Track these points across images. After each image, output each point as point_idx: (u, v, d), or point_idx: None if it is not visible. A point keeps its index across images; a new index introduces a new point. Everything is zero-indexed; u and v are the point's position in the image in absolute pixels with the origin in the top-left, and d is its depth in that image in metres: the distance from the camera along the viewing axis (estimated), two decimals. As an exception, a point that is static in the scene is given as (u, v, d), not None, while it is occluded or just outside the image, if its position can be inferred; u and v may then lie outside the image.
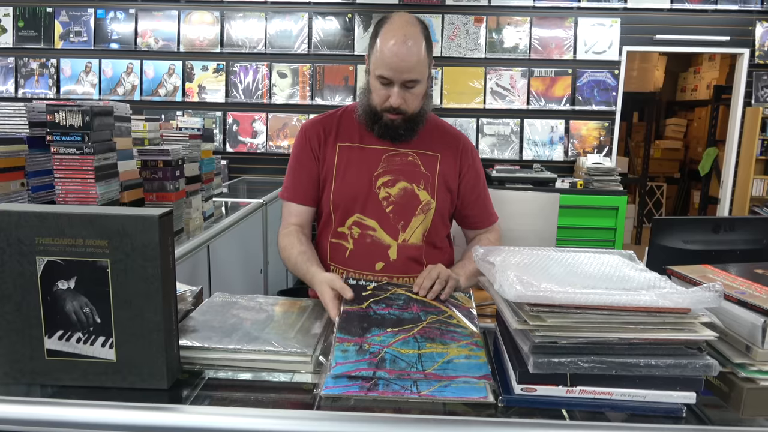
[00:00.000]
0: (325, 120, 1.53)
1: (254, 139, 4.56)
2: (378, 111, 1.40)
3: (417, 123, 1.44)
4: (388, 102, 1.36)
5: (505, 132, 4.54)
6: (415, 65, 1.33)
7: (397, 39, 1.31)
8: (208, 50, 4.49)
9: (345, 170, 1.46)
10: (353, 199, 1.44)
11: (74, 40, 4.50)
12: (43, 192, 1.63)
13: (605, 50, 4.45)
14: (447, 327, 1.07)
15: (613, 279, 0.91)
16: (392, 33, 1.33)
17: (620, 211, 4.09)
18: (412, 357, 0.96)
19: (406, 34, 1.32)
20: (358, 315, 1.09)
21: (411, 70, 1.33)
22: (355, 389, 0.91)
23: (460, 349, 0.99)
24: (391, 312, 1.11)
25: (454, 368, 0.94)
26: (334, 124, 1.51)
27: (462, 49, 4.47)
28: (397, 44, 1.31)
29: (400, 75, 1.33)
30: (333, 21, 4.45)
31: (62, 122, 1.55)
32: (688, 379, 0.84)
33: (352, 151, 1.47)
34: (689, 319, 0.84)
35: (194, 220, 2.24)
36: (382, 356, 0.96)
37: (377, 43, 1.35)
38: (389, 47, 1.32)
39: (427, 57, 1.37)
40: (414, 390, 0.91)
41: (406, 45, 1.31)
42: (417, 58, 1.33)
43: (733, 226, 1.56)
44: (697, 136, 6.98)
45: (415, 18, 1.38)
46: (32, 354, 0.90)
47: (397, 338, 1.02)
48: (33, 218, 0.86)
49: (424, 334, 1.04)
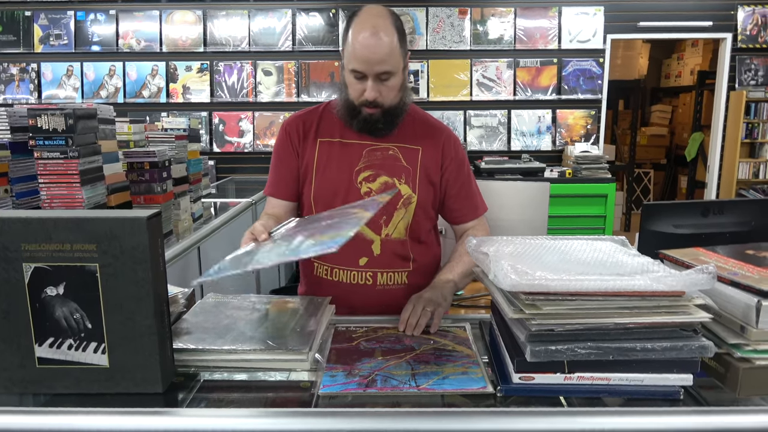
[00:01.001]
0: (306, 116, 1.52)
1: (241, 138, 4.53)
2: (355, 106, 1.39)
3: (396, 116, 1.42)
4: (364, 96, 1.35)
5: (493, 123, 4.55)
6: (387, 57, 1.31)
7: (367, 31, 1.30)
8: (192, 50, 4.45)
9: (325, 165, 1.45)
10: (334, 195, 1.43)
11: (54, 44, 4.44)
12: (27, 198, 1.60)
13: (589, 39, 4.46)
14: (441, 353, 1.04)
15: (607, 265, 0.91)
16: (362, 26, 1.31)
17: (609, 198, 4.11)
18: (405, 377, 0.93)
19: (375, 26, 1.30)
20: (348, 349, 1.07)
21: (383, 62, 1.32)
22: (353, 386, 0.90)
23: (456, 368, 0.97)
24: (382, 345, 1.08)
25: (450, 383, 0.91)
26: (314, 119, 1.50)
27: (447, 42, 4.46)
28: (367, 37, 1.30)
29: (372, 67, 1.32)
30: (317, 17, 4.42)
31: (45, 126, 1.52)
32: (685, 361, 0.84)
33: (332, 147, 1.46)
34: (683, 301, 0.84)
35: (183, 222, 2.22)
36: (372, 378, 0.93)
37: (349, 36, 1.34)
38: (359, 40, 1.31)
39: (400, 48, 1.35)
40: (413, 384, 0.90)
41: (377, 37, 1.30)
42: (388, 50, 1.31)
43: (722, 209, 1.57)
44: (682, 122, 7.04)
45: (386, 10, 1.37)
46: (23, 363, 0.88)
47: (389, 363, 0.99)
48: (17, 224, 0.84)
49: (418, 359, 1.01)
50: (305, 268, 1.52)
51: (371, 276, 1.43)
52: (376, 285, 1.43)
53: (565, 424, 0.80)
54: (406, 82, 1.44)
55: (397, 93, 1.40)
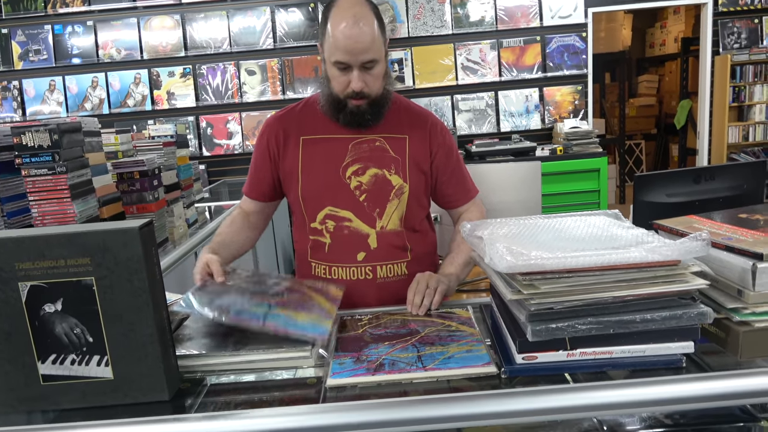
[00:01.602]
0: (285, 116, 1.50)
1: (230, 140, 4.51)
2: (341, 99, 1.37)
3: (382, 105, 1.41)
4: (350, 87, 1.34)
5: (481, 106, 4.54)
6: (371, 45, 1.30)
7: (347, 21, 1.29)
8: (173, 55, 4.41)
9: (311, 163, 1.44)
10: (323, 192, 1.43)
11: (34, 59, 4.40)
12: (19, 217, 1.60)
13: (571, 14, 4.45)
14: (446, 333, 1.07)
15: (602, 239, 0.92)
16: (341, 16, 1.30)
17: (602, 172, 4.12)
18: (412, 358, 0.96)
19: (355, 15, 1.29)
20: (354, 337, 1.09)
21: (367, 51, 1.30)
22: (362, 371, 0.92)
23: (461, 346, 0.99)
24: (387, 331, 1.11)
25: (455, 362, 0.93)
26: (294, 118, 1.49)
27: (429, 28, 4.44)
28: (349, 26, 1.28)
29: (356, 57, 1.31)
30: (296, 12, 4.39)
31: (30, 143, 1.51)
32: (685, 329, 0.85)
33: (316, 144, 1.45)
34: (680, 270, 0.85)
35: (178, 228, 2.22)
36: (380, 362, 0.96)
37: (328, 29, 1.32)
38: (341, 30, 1.29)
39: (381, 35, 1.34)
40: (419, 365, 0.92)
41: (358, 26, 1.28)
42: (371, 38, 1.30)
43: (714, 175, 1.57)
44: (669, 91, 7.05)
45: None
46: (27, 381, 0.88)
47: (395, 347, 1.02)
48: (9, 244, 0.84)
49: (423, 341, 1.04)
50: (302, 268, 1.51)
51: (371, 270, 1.43)
52: (376, 279, 1.43)
53: (572, 401, 0.80)
54: (388, 68, 1.43)
55: (382, 81, 1.39)
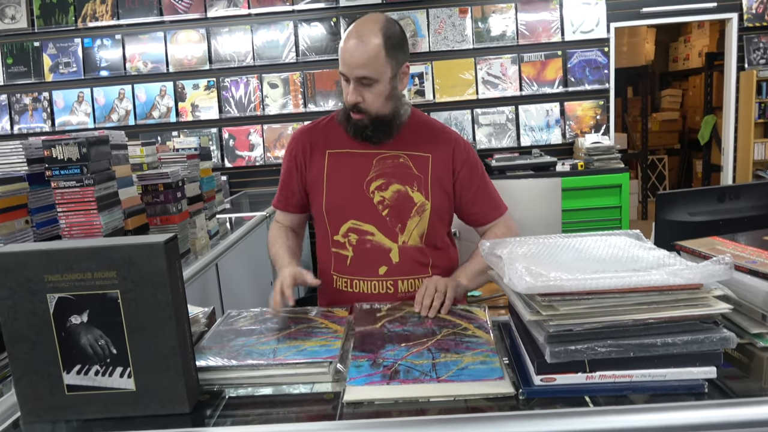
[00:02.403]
0: (312, 129, 1.53)
1: (252, 152, 4.57)
2: (347, 109, 1.41)
3: (387, 125, 1.41)
4: (346, 99, 1.38)
5: (501, 120, 4.54)
6: (366, 62, 1.32)
7: (350, 35, 1.33)
8: (198, 68, 4.50)
9: (336, 176, 1.46)
10: (346, 205, 1.44)
11: (64, 72, 4.52)
12: (47, 227, 1.64)
13: (593, 29, 4.43)
14: (462, 338, 1.08)
15: (622, 260, 0.91)
16: (350, 31, 1.35)
17: (623, 188, 4.07)
18: (427, 366, 0.97)
19: (359, 31, 1.32)
20: (372, 333, 1.11)
21: (362, 66, 1.32)
22: (377, 378, 0.93)
23: (476, 356, 1.00)
24: (405, 329, 1.13)
25: (469, 374, 0.94)
26: (322, 131, 1.51)
27: (450, 42, 4.46)
28: (349, 40, 1.33)
29: (351, 70, 1.34)
30: (318, 26, 4.45)
31: (60, 156, 1.56)
32: (707, 353, 0.83)
33: (341, 157, 1.47)
34: (702, 293, 0.84)
35: (200, 240, 2.25)
36: (395, 368, 0.97)
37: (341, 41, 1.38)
38: (343, 44, 1.35)
39: (387, 56, 1.34)
40: (433, 376, 0.93)
41: (357, 41, 1.32)
42: (367, 55, 1.31)
43: (738, 194, 1.55)
44: (693, 105, 6.95)
45: (381, 16, 1.37)
46: (52, 391, 0.90)
47: (411, 351, 1.03)
48: (40, 257, 0.86)
49: (439, 346, 1.05)
50: (323, 282, 1.52)
51: (392, 284, 1.43)
52: (397, 293, 1.43)
53: (591, 424, 0.80)
54: (397, 91, 1.42)
55: (384, 101, 1.38)
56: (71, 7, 4.47)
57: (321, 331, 1.14)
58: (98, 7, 4.47)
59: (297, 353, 1.03)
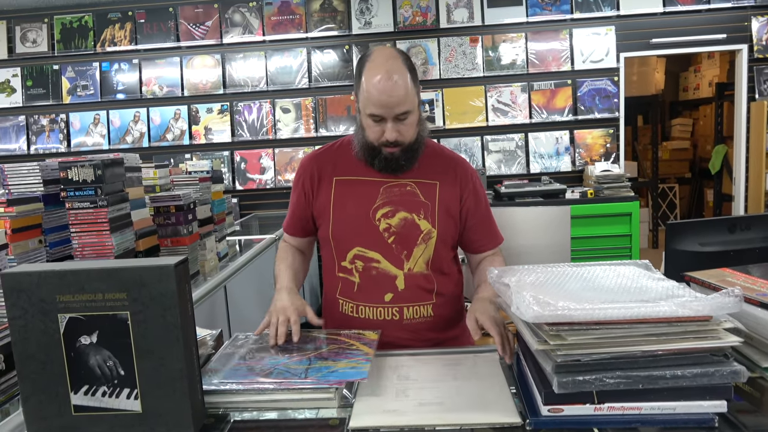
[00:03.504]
0: (321, 155, 1.55)
1: (262, 175, 4.62)
2: (375, 146, 1.41)
3: (416, 151, 1.44)
4: (384, 137, 1.37)
5: (510, 147, 4.56)
6: (404, 98, 1.33)
7: (381, 75, 1.31)
8: (212, 92, 4.58)
9: (342, 203, 1.47)
10: (352, 232, 1.45)
11: (81, 94, 4.62)
12: (60, 247, 1.66)
13: (603, 58, 4.47)
14: (344, 351, 1.15)
15: (631, 291, 0.91)
16: (376, 70, 1.33)
17: (633, 216, 4.06)
18: (299, 370, 1.06)
19: (389, 70, 1.32)
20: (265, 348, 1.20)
21: (400, 104, 1.33)
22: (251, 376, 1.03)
23: (349, 363, 1.08)
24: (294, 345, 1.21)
25: (336, 376, 1.02)
26: (330, 158, 1.53)
27: (460, 70, 4.51)
28: (383, 80, 1.31)
29: (391, 111, 1.34)
30: (331, 53, 4.53)
31: (75, 178, 1.59)
32: (717, 387, 0.82)
33: (349, 185, 1.48)
34: (712, 326, 0.83)
35: (209, 262, 2.26)
36: (270, 371, 1.06)
37: (362, 82, 1.36)
38: (374, 85, 1.32)
39: (414, 86, 1.37)
40: (302, 377, 1.02)
41: (392, 80, 1.31)
42: (404, 91, 1.33)
43: (749, 225, 1.54)
44: (704, 135, 6.94)
45: (395, 50, 1.39)
46: (60, 411, 0.91)
47: (292, 359, 1.12)
48: (53, 277, 0.88)
49: (319, 356, 1.13)
50: (329, 306, 1.53)
51: (397, 311, 1.43)
52: (402, 320, 1.43)
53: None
54: (422, 115, 1.46)
55: (415, 129, 1.42)
56: (91, 32, 4.59)
57: (353, 352, 1.15)
58: (117, 33, 4.59)
59: (329, 374, 1.05)
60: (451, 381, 1.07)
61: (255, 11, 4.52)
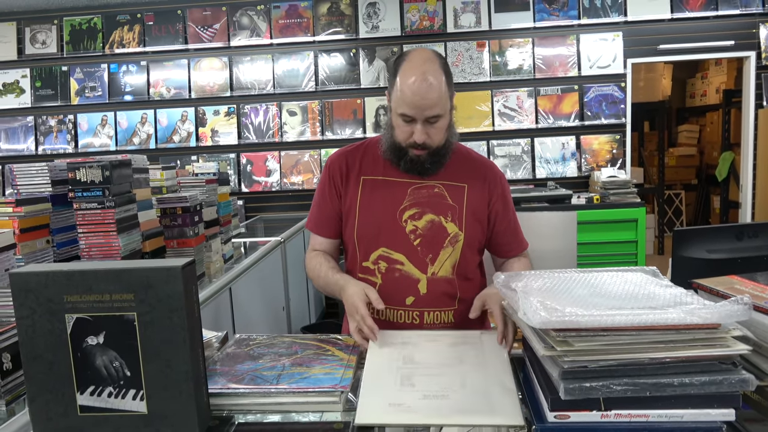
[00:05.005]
0: (349, 154, 1.53)
1: (268, 177, 4.63)
2: (403, 147, 1.40)
3: (443, 156, 1.43)
4: (412, 138, 1.36)
5: (516, 152, 4.55)
6: (437, 101, 1.33)
7: (416, 77, 1.31)
8: (219, 95, 4.60)
9: (369, 203, 1.46)
10: (378, 233, 1.44)
11: (89, 95, 4.65)
12: (67, 248, 1.66)
13: (610, 64, 4.46)
14: (318, 357, 1.14)
15: (639, 297, 0.90)
16: (411, 71, 1.32)
17: (640, 222, 4.04)
18: (272, 377, 1.06)
19: (425, 72, 1.31)
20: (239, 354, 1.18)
21: (433, 107, 1.33)
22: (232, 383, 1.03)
23: (323, 369, 1.07)
24: (270, 351, 1.19)
25: (308, 382, 1.01)
26: (357, 157, 1.52)
27: (467, 74, 4.52)
28: (417, 82, 1.30)
29: (422, 112, 1.33)
30: (338, 57, 4.54)
31: (83, 178, 1.59)
32: (725, 395, 0.82)
33: (376, 185, 1.47)
34: (720, 333, 0.82)
35: (215, 264, 2.27)
36: (242, 377, 1.06)
37: (397, 81, 1.35)
38: (409, 85, 1.32)
39: (448, 90, 1.36)
40: (274, 383, 1.02)
41: (427, 82, 1.30)
42: (438, 94, 1.32)
43: (757, 232, 1.53)
44: (711, 141, 6.92)
45: (434, 53, 1.38)
46: (65, 411, 0.91)
47: (265, 365, 1.11)
48: (61, 277, 0.88)
49: (294, 362, 1.12)
50: None
51: (418, 315, 1.42)
52: (422, 324, 1.42)
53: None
54: (452, 121, 1.45)
55: (444, 133, 1.41)
56: (99, 34, 4.62)
57: (328, 359, 1.14)
58: (125, 35, 4.61)
59: (301, 379, 1.04)
60: (457, 365, 1.07)
61: (263, 14, 4.54)
